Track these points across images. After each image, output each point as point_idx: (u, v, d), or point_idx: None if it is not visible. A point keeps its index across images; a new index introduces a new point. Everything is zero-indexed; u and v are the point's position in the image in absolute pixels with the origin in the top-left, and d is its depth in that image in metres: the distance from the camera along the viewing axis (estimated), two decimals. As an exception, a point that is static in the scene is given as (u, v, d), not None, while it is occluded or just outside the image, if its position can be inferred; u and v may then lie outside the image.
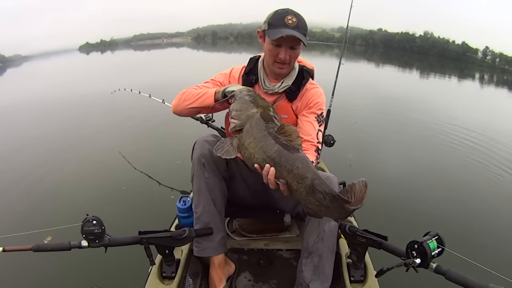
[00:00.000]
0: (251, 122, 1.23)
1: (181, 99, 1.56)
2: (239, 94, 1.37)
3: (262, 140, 1.16)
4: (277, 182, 1.12)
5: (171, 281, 1.55)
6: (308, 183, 1.05)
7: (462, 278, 1.17)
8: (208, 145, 1.48)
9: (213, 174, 1.50)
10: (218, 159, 1.49)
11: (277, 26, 1.42)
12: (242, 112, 1.28)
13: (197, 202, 1.51)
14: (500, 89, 18.71)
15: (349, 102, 7.47)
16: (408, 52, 65.01)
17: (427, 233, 1.28)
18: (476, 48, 62.98)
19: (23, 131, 6.54)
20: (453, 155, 5.13)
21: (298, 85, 1.63)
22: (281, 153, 1.11)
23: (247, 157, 1.21)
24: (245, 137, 1.22)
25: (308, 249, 1.44)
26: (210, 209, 1.50)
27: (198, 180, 1.50)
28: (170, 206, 1.93)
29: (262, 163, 1.15)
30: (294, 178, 1.08)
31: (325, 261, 1.42)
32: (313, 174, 1.07)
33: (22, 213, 3.36)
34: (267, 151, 1.14)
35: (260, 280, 1.69)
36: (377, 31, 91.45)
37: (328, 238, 1.42)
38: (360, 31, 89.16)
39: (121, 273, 2.36)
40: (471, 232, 3.02)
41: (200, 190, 1.50)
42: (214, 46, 72.37)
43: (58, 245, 1.43)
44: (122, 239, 1.47)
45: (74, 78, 15.05)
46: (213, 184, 1.51)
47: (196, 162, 1.50)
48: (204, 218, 1.50)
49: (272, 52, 1.50)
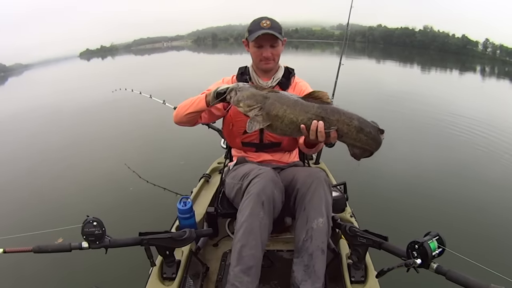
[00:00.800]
0: (272, 97, 1.32)
1: (178, 109, 1.70)
2: (238, 86, 1.40)
3: (297, 105, 1.29)
4: (327, 132, 1.27)
5: (172, 282, 1.54)
6: (355, 123, 1.26)
7: (463, 278, 1.15)
8: (273, 184, 1.44)
9: (268, 215, 1.42)
10: (278, 201, 1.46)
11: (255, 30, 1.63)
12: (254, 95, 1.35)
13: (244, 242, 1.36)
14: (502, 81, 18.60)
15: (350, 100, 7.46)
16: (408, 47, 64.83)
17: (428, 233, 1.27)
18: (476, 41, 62.57)
19: (25, 137, 6.62)
20: (456, 153, 5.11)
21: (287, 78, 1.82)
22: (324, 108, 1.27)
23: (286, 124, 1.31)
24: (274, 109, 1.30)
25: (298, 248, 1.43)
26: (256, 253, 1.37)
27: (252, 219, 1.38)
28: (170, 207, 1.92)
29: (308, 122, 1.27)
30: (343, 123, 1.26)
31: (315, 260, 1.38)
32: (356, 116, 1.27)
33: (24, 216, 3.39)
34: (309, 110, 1.27)
35: (261, 281, 1.67)
36: (377, 27, 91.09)
37: (317, 236, 1.39)
38: (359, 28, 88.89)
39: (122, 274, 2.38)
40: (472, 232, 3.00)
41: (252, 230, 1.37)
42: (215, 48, 72.63)
43: (58, 246, 1.43)
44: (122, 240, 1.46)
45: (76, 85, 15.16)
46: (266, 225, 1.41)
47: (255, 197, 1.39)
48: (248, 261, 1.35)
49: (256, 53, 1.70)
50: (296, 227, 1.48)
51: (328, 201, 1.45)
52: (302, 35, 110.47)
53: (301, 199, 1.48)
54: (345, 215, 2.03)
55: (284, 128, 1.32)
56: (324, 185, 1.47)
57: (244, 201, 1.42)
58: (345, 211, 2.06)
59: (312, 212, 1.42)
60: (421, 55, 42.55)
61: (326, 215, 1.42)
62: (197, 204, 2.19)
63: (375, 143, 1.30)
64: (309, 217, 1.42)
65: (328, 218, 1.44)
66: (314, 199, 1.44)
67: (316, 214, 1.41)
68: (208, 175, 2.57)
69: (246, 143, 1.83)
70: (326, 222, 1.42)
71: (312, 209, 1.42)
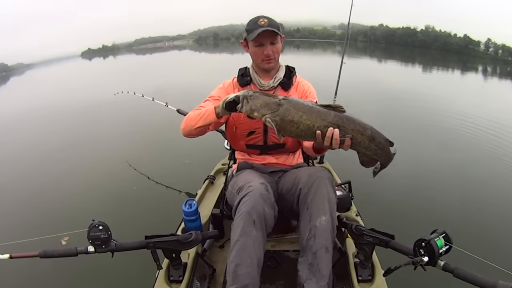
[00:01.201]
0: (287, 103, 1.33)
1: (187, 122, 1.65)
2: (248, 94, 1.38)
3: (313, 111, 1.32)
4: (341, 139, 1.31)
5: (179, 285, 1.55)
6: (369, 133, 1.31)
7: (470, 276, 1.16)
8: (263, 201, 1.42)
9: (261, 233, 1.41)
10: (269, 217, 1.44)
11: (253, 29, 1.63)
12: (268, 103, 1.35)
13: (238, 261, 1.36)
14: (503, 81, 18.53)
15: (354, 100, 7.45)
16: (410, 47, 64.56)
17: (434, 230, 1.27)
18: (478, 41, 62.20)
19: (29, 138, 6.63)
20: (460, 151, 5.09)
21: (289, 77, 1.81)
22: (340, 117, 1.31)
23: (302, 129, 1.33)
24: (289, 115, 1.32)
25: (303, 247, 1.43)
26: (252, 271, 1.36)
27: (245, 237, 1.37)
28: (176, 210, 1.93)
29: (324, 129, 1.30)
30: (358, 132, 1.31)
31: (319, 258, 1.38)
32: (369, 126, 1.33)
33: (29, 220, 3.38)
34: (326, 118, 1.31)
35: (267, 281, 1.69)
36: (379, 27, 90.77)
37: (320, 234, 1.39)
38: (361, 27, 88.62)
39: (128, 278, 2.38)
40: (479, 229, 2.99)
41: (246, 249, 1.36)
42: (216, 47, 72.47)
43: (64, 251, 1.43)
44: (128, 244, 1.47)
45: (78, 85, 15.16)
46: (260, 243, 1.40)
47: (246, 216, 1.39)
48: (244, 280, 1.34)
49: (257, 52, 1.69)
50: (300, 226, 1.49)
51: (331, 199, 1.45)
52: (304, 34, 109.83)
53: (304, 198, 1.48)
54: (350, 214, 2.04)
55: (299, 133, 1.35)
56: (326, 183, 1.47)
57: (236, 219, 1.42)
58: (350, 210, 2.06)
59: (315, 211, 1.42)
60: (423, 54, 42.38)
61: (329, 213, 1.42)
62: (202, 206, 2.20)
63: (384, 154, 1.37)
64: (312, 215, 1.42)
65: (331, 216, 1.43)
66: (316, 197, 1.44)
67: (319, 212, 1.42)
68: (212, 176, 2.57)
69: (250, 145, 1.81)
70: (330, 220, 1.42)
71: (315, 208, 1.43)
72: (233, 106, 1.41)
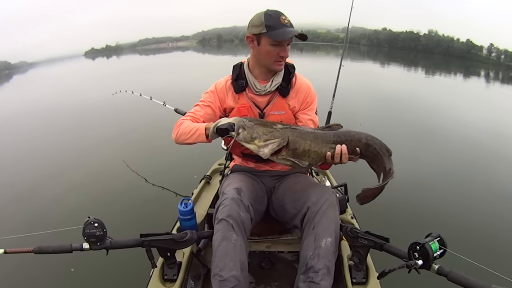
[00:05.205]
0: (292, 134, 1.40)
1: (178, 133, 1.63)
2: (243, 123, 1.39)
3: (317, 138, 1.40)
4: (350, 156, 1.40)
5: (173, 283, 1.54)
6: (363, 141, 1.41)
7: (464, 279, 1.15)
8: (236, 206, 1.43)
9: (241, 236, 1.42)
10: (246, 220, 1.45)
11: (278, 27, 1.49)
12: (270, 131, 1.39)
13: (222, 266, 1.36)
14: (506, 86, 18.50)
15: (353, 103, 7.45)
16: (413, 51, 64.64)
17: (429, 234, 1.27)
18: (481, 46, 62.36)
19: (26, 135, 6.66)
20: (456, 157, 5.07)
21: (287, 81, 1.70)
22: (338, 134, 1.41)
23: (313, 157, 1.41)
24: (300, 146, 1.40)
25: (305, 264, 1.42)
26: (237, 274, 1.36)
27: (225, 243, 1.38)
28: (172, 209, 1.92)
29: (331, 150, 1.39)
30: (357, 141, 1.40)
31: (321, 277, 1.37)
32: (364, 134, 1.42)
33: (24, 216, 3.39)
34: (328, 141, 1.40)
35: (262, 282, 1.68)
36: (382, 31, 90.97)
37: (324, 254, 1.39)
38: (364, 31, 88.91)
39: (123, 276, 2.38)
40: (473, 233, 3.00)
41: (227, 254, 1.37)
42: (220, 49, 72.57)
43: (59, 247, 1.42)
44: (123, 241, 1.46)
45: (79, 85, 15.21)
46: (240, 246, 1.40)
47: (224, 223, 1.40)
48: (229, 283, 1.34)
49: (272, 52, 1.55)
50: (303, 244, 1.47)
51: (337, 224, 1.47)
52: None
53: (311, 217, 1.47)
54: (346, 216, 2.03)
55: (311, 161, 1.43)
56: (335, 207, 1.48)
57: (215, 227, 1.43)
58: (346, 212, 2.05)
59: (321, 232, 1.42)
60: (426, 59, 42.41)
61: (334, 236, 1.42)
62: (198, 205, 2.18)
63: (381, 157, 1.46)
64: (318, 235, 1.41)
65: (336, 239, 1.43)
66: (324, 219, 1.44)
67: (325, 233, 1.41)
68: (209, 176, 2.56)
69: (247, 154, 1.76)
70: (334, 242, 1.42)
71: (321, 229, 1.42)
72: (225, 133, 1.42)
